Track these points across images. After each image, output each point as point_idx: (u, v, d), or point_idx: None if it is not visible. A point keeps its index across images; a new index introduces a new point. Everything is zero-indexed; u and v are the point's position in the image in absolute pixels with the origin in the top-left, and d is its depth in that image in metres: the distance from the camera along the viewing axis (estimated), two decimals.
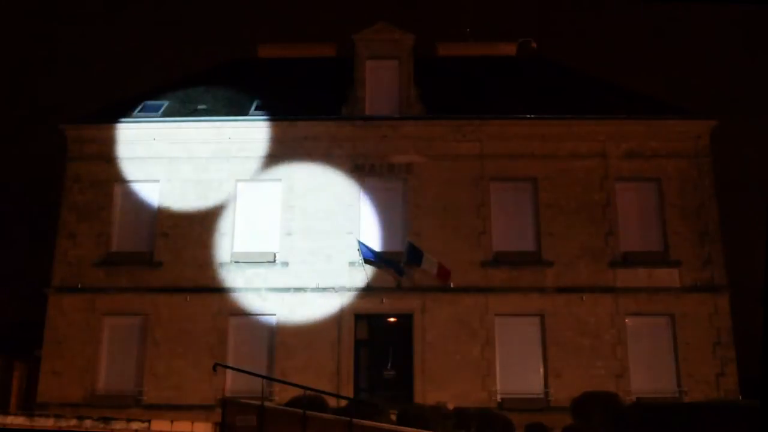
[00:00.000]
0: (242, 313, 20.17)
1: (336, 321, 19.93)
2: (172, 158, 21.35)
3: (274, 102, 22.55)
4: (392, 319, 20.43)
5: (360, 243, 19.99)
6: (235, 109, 22.25)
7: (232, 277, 20.39)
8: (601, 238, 20.44)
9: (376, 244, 20.13)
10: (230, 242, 20.70)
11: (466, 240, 20.43)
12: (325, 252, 20.37)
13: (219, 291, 20.24)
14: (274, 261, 20.46)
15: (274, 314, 20.07)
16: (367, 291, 20.04)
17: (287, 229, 20.69)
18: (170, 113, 22.24)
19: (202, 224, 20.77)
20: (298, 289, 20.11)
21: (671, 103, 22.67)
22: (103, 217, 20.96)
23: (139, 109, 22.50)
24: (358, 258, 20.03)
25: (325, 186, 20.97)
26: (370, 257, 19.87)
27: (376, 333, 20.49)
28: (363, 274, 20.09)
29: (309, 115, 21.65)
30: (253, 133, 21.48)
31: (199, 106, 22.44)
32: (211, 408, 17.96)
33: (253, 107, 22.34)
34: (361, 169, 21.11)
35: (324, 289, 20.09)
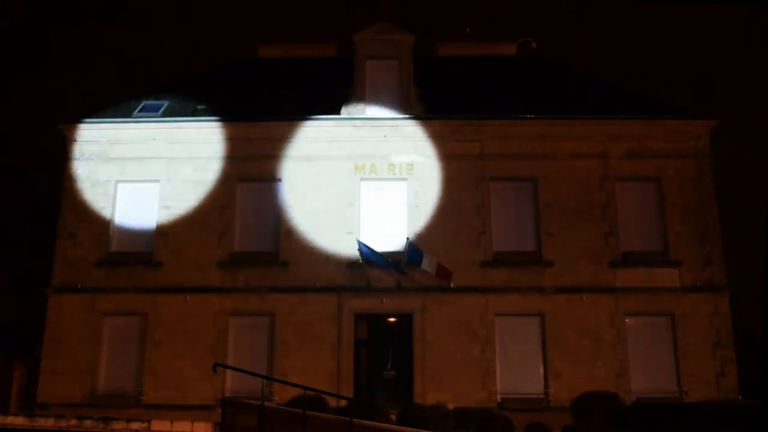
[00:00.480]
0: (242, 313, 20.17)
1: (336, 321, 19.93)
2: (172, 158, 21.35)
3: (275, 102, 22.55)
4: (392, 319, 20.43)
5: (360, 243, 19.99)
6: (235, 109, 22.23)
7: (232, 277, 20.39)
8: (601, 238, 20.44)
9: (376, 244, 20.11)
10: (230, 242, 20.71)
11: (466, 240, 20.43)
12: (325, 252, 20.37)
13: (219, 291, 20.24)
14: (274, 261, 20.46)
15: (274, 314, 20.07)
16: (367, 291, 20.03)
17: (287, 229, 20.69)
18: (170, 113, 22.23)
19: (202, 224, 20.76)
20: (298, 289, 20.09)
21: (671, 103, 22.67)
22: (103, 217, 20.97)
23: (139, 109, 22.50)
24: (358, 258, 20.03)
25: (325, 186, 20.96)
26: (370, 257, 19.86)
27: (376, 333, 20.50)
28: (363, 274, 20.08)
29: (309, 115, 21.64)
30: (253, 133, 21.48)
31: (199, 106, 22.43)
32: (211, 408, 17.94)
33: (252, 107, 22.32)
34: (361, 169, 21.10)
35: (324, 289, 20.08)
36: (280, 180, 21.14)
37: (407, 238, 19.92)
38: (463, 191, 20.84)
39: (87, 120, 22.04)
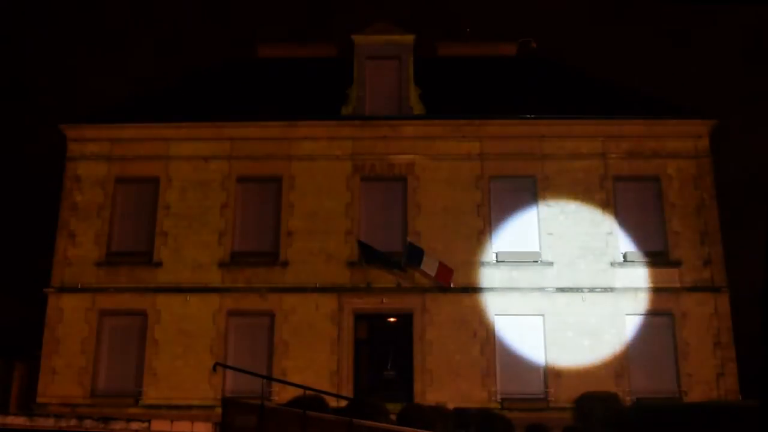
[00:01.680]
0: (242, 313, 20.16)
1: (336, 321, 19.92)
2: (172, 158, 21.34)
3: (274, 102, 22.54)
4: (392, 319, 20.43)
5: (360, 243, 19.99)
6: (235, 109, 22.22)
7: (233, 277, 20.39)
8: (601, 238, 20.44)
9: (376, 244, 20.09)
10: (230, 242, 20.70)
11: (466, 240, 20.43)
12: (325, 252, 20.37)
13: (219, 291, 20.23)
14: (274, 261, 20.46)
15: (274, 314, 20.07)
16: (367, 291, 20.03)
17: (287, 229, 20.69)
18: (170, 113, 22.21)
19: (202, 224, 20.76)
20: (298, 289, 20.09)
21: (671, 103, 22.67)
22: (103, 217, 20.96)
23: (139, 108, 22.49)
24: (358, 258, 20.02)
25: (325, 186, 20.96)
26: (370, 257, 19.85)
27: (376, 333, 20.49)
28: (363, 274, 20.08)
29: (309, 116, 21.64)
30: (253, 133, 21.48)
31: (199, 106, 22.41)
32: (211, 408, 17.95)
33: (252, 107, 22.31)
34: (361, 169, 21.11)
35: (324, 289, 20.08)
36: (279, 180, 21.13)
37: (408, 241, 19.91)
38: (463, 191, 20.84)
39: (87, 120, 22.04)
